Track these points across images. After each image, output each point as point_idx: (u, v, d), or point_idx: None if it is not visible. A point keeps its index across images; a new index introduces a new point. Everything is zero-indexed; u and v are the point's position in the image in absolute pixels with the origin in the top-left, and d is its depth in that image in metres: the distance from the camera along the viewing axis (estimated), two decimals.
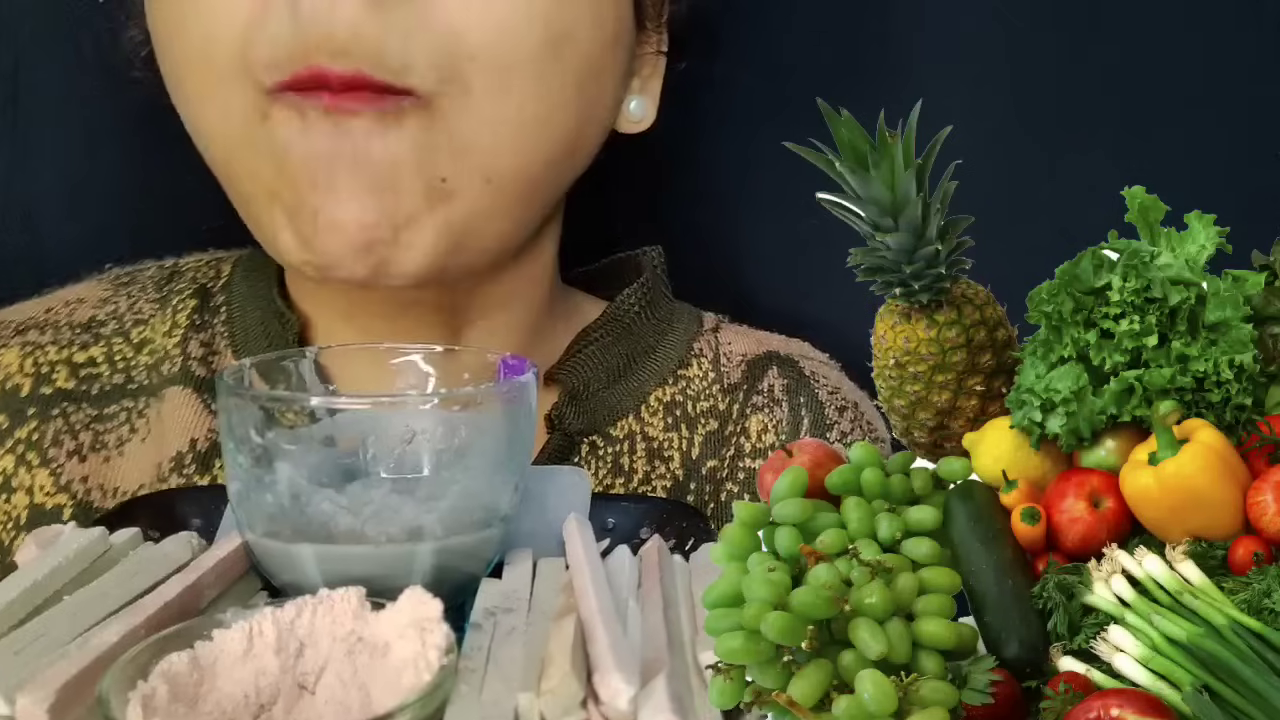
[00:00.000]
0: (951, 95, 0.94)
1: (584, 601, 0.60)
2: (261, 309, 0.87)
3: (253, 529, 0.64)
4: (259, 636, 0.55)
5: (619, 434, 0.88)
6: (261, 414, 0.63)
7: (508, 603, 0.62)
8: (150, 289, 0.90)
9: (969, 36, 0.99)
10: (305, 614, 0.56)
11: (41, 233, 0.99)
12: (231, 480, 0.65)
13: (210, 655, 0.54)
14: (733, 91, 1.01)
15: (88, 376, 0.85)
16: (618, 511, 0.73)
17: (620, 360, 0.90)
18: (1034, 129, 0.99)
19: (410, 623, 0.55)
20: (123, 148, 0.97)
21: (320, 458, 0.65)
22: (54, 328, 0.86)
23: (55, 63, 0.95)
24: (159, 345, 0.86)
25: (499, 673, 0.55)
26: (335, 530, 0.62)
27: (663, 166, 1.03)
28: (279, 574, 0.64)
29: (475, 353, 0.73)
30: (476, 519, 0.64)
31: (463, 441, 0.65)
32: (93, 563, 0.65)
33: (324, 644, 0.56)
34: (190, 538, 0.68)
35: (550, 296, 0.91)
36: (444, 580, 0.62)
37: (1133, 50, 0.98)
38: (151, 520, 0.71)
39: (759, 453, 0.89)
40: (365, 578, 0.59)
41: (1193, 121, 0.98)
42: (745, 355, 0.94)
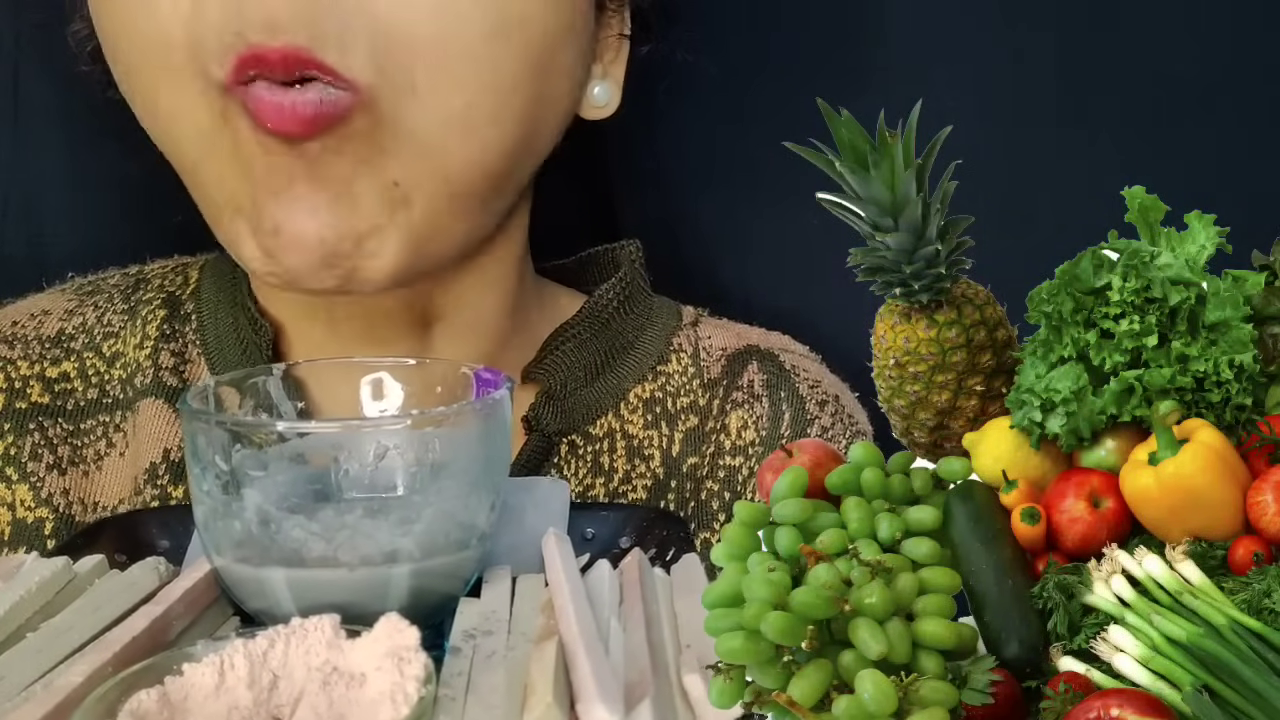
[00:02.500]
0: (951, 95, 0.94)
1: (565, 623, 0.59)
2: (233, 316, 0.87)
3: (221, 554, 0.62)
4: (230, 670, 0.53)
5: (598, 432, 0.88)
6: (228, 437, 0.61)
7: (487, 624, 0.61)
8: (117, 299, 0.89)
9: (969, 36, 0.99)
10: (278, 645, 0.54)
11: (42, 232, 0.99)
12: (198, 504, 0.63)
13: (181, 691, 0.52)
14: (733, 90, 1.01)
15: (62, 391, 0.84)
16: (597, 521, 0.73)
17: (598, 357, 0.89)
18: (1034, 129, 0.99)
19: (387, 652, 0.53)
20: (123, 147, 0.97)
21: (290, 479, 0.63)
22: (23, 342, 0.86)
23: (55, 62, 0.95)
24: (130, 358, 0.86)
25: (479, 702, 0.53)
26: (307, 555, 0.61)
27: (662, 159, 1.03)
28: (249, 600, 0.63)
29: (448, 364, 0.72)
30: (454, 539, 0.63)
31: (437, 459, 0.64)
32: (57, 594, 0.63)
33: (298, 675, 0.54)
34: (158, 563, 0.67)
35: (524, 288, 0.90)
36: (421, 602, 0.61)
37: (1133, 50, 0.98)
38: (118, 544, 0.70)
39: (739, 449, 0.88)
40: (340, 603, 0.58)
41: (1193, 121, 0.98)
42: (725, 350, 0.93)
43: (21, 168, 0.98)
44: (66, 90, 0.95)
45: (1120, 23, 0.98)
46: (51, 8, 0.91)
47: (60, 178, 0.99)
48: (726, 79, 1.00)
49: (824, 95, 0.57)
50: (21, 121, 0.98)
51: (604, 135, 0.95)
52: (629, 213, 1.05)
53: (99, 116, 0.89)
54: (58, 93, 0.97)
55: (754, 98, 1.01)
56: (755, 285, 1.04)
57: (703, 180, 1.04)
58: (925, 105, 0.56)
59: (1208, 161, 0.97)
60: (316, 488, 0.64)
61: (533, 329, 0.89)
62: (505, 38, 0.75)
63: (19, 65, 0.97)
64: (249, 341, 0.85)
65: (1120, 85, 0.98)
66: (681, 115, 1.01)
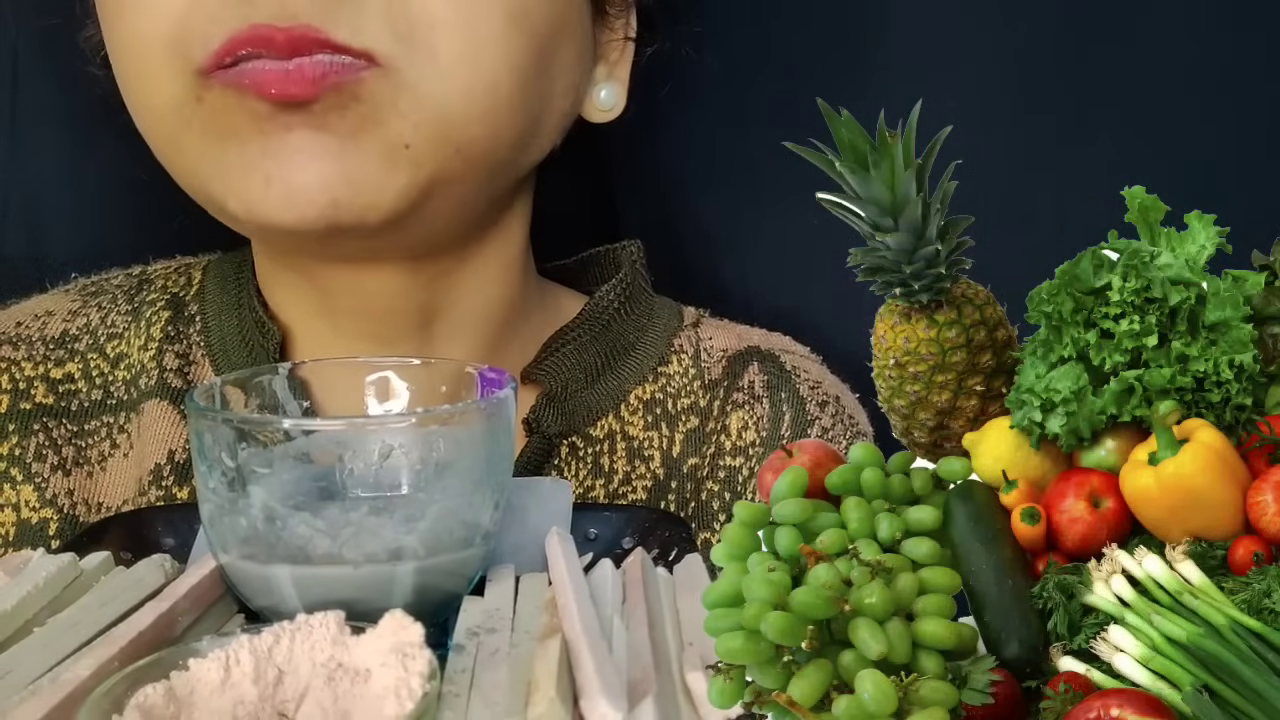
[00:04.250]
0: (951, 95, 0.94)
1: (568, 621, 0.59)
2: (239, 317, 0.87)
3: (227, 551, 0.62)
4: (236, 665, 0.53)
5: (599, 434, 0.88)
6: (234, 435, 0.62)
7: (491, 622, 0.61)
8: (121, 300, 0.89)
9: (969, 36, 0.99)
10: (283, 641, 0.54)
11: (43, 233, 0.99)
12: (204, 502, 0.63)
13: (186, 686, 0.52)
14: (734, 91, 1.01)
15: (66, 393, 0.84)
16: (600, 521, 0.73)
17: (599, 359, 0.89)
18: (1034, 129, 0.99)
19: (391, 648, 0.53)
20: (123, 147, 0.97)
21: (295, 477, 0.63)
22: (27, 343, 0.86)
23: (55, 62, 0.95)
24: (135, 360, 0.86)
25: (483, 698, 0.54)
26: (312, 552, 0.61)
27: (663, 159, 1.03)
28: (255, 597, 0.63)
29: (453, 364, 0.72)
30: (458, 537, 0.63)
31: (441, 458, 0.64)
32: (63, 590, 0.63)
33: (303, 671, 0.54)
34: (164, 560, 0.67)
35: (525, 287, 0.90)
36: (426, 599, 0.61)
37: (1133, 50, 0.98)
38: (124, 541, 0.70)
39: (740, 450, 0.88)
40: (345, 600, 0.58)
41: (1193, 121, 0.98)
42: (726, 350, 0.93)
43: (22, 168, 0.98)
44: (66, 90, 0.95)
45: (1120, 23, 0.98)
46: (52, 9, 0.91)
47: (60, 178, 0.99)
48: (727, 79, 1.00)
49: (824, 95, 0.57)
50: (21, 121, 0.98)
51: (606, 135, 0.95)
52: (630, 213, 1.05)
53: (99, 116, 0.89)
54: (58, 93, 0.97)
55: (755, 98, 1.01)
56: (756, 285, 1.04)
57: (703, 180, 1.04)
58: (925, 105, 0.56)
59: (1208, 161, 0.97)
60: (321, 485, 0.64)
61: (534, 329, 0.89)
62: (520, 24, 0.76)
63: (19, 65, 0.97)
64: (255, 343, 0.85)
65: (1120, 85, 0.98)
66: (682, 116, 1.01)
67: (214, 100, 0.73)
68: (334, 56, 0.71)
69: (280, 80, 0.71)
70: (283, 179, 0.73)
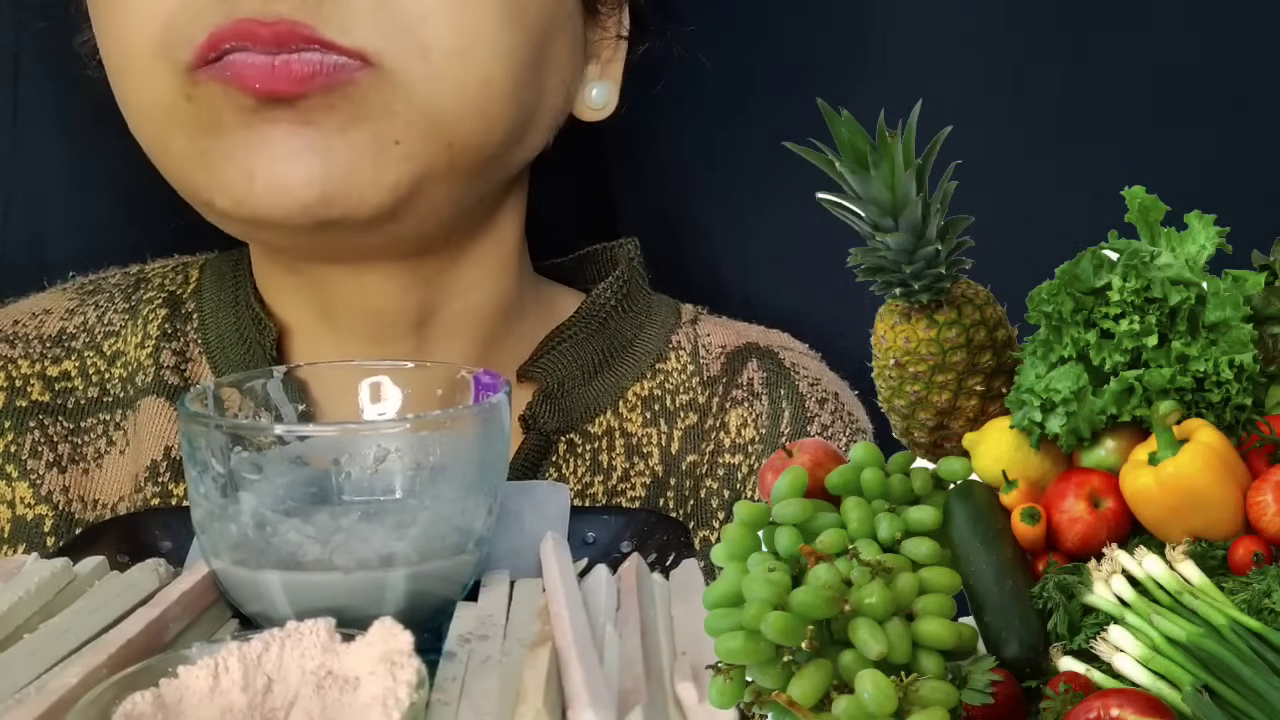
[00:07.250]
0: (951, 95, 0.94)
1: (559, 629, 0.59)
2: (236, 315, 0.87)
3: (218, 556, 0.62)
4: (225, 673, 0.53)
5: (597, 431, 0.88)
6: (225, 439, 0.61)
7: (483, 629, 0.60)
8: (118, 298, 0.89)
9: (969, 36, 0.99)
10: (273, 648, 0.54)
11: (42, 232, 0.99)
12: (195, 506, 0.63)
13: (175, 694, 0.52)
14: (733, 90, 1.01)
15: (63, 390, 0.85)
16: (597, 525, 0.72)
17: (596, 355, 0.89)
18: (1034, 129, 0.99)
19: (381, 657, 0.53)
20: (123, 147, 0.97)
21: (287, 482, 0.63)
22: (23, 340, 0.86)
23: (55, 62, 0.95)
24: (132, 357, 0.86)
25: (473, 707, 0.53)
26: (303, 558, 0.61)
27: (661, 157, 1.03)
28: (247, 603, 0.63)
29: (447, 367, 0.72)
30: (450, 543, 0.63)
31: (435, 463, 0.63)
32: (56, 595, 0.62)
33: (292, 679, 0.54)
34: (158, 565, 0.66)
35: (521, 284, 0.89)
36: (418, 605, 0.61)
37: (1133, 50, 0.98)
38: (120, 545, 0.70)
39: (738, 447, 0.88)
40: (336, 606, 0.58)
41: (1193, 121, 0.98)
42: (725, 347, 0.92)
43: (21, 168, 0.98)
44: (67, 90, 0.95)
45: (1121, 23, 0.98)
46: (52, 9, 0.91)
47: (60, 178, 0.99)
48: (726, 78, 1.00)
49: (824, 95, 0.57)
50: (21, 121, 0.98)
51: (603, 134, 0.95)
52: (628, 211, 1.05)
53: (99, 117, 0.89)
54: (58, 93, 0.97)
55: (754, 98, 1.01)
56: (755, 284, 1.04)
57: (703, 179, 1.04)
58: (925, 105, 0.56)
59: (1208, 161, 0.97)
60: (314, 490, 0.64)
61: (530, 326, 0.89)
62: (513, 19, 0.76)
63: (19, 65, 0.97)
64: (252, 341, 0.85)
65: (1120, 85, 0.98)
66: (681, 114, 1.01)
67: (201, 96, 0.73)
68: (325, 55, 0.71)
69: (265, 75, 0.71)
70: (266, 173, 0.72)
